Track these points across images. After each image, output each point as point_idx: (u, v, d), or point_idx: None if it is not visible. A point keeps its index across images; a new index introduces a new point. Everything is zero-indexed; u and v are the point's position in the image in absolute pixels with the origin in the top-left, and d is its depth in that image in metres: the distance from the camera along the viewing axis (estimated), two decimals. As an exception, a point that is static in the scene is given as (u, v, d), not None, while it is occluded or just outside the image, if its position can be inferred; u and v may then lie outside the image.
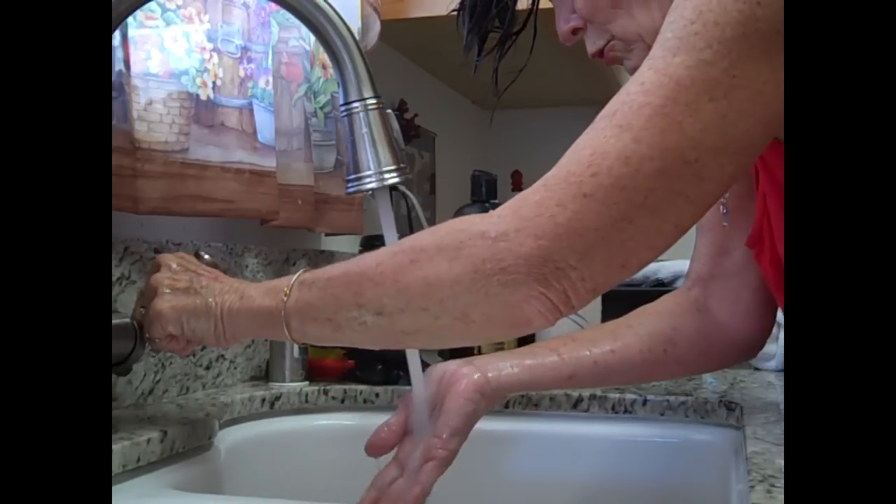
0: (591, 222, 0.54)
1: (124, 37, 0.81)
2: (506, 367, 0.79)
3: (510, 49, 0.82)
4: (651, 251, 0.56)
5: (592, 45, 0.74)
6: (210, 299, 0.68)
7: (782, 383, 1.08)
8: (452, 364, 0.79)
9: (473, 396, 0.76)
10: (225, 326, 0.67)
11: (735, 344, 0.86)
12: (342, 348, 1.09)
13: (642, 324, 0.85)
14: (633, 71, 0.74)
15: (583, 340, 0.84)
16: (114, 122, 0.81)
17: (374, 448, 0.77)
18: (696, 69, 0.53)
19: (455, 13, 0.82)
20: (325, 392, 1.03)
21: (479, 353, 1.06)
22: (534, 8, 0.82)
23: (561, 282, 0.55)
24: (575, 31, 0.74)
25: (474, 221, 0.57)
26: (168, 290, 0.70)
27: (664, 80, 0.54)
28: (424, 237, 0.59)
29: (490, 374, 0.78)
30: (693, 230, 0.89)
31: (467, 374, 0.77)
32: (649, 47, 0.70)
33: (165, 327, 0.69)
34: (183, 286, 0.70)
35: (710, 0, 0.54)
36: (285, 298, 0.63)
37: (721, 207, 0.80)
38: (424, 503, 0.73)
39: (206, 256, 0.82)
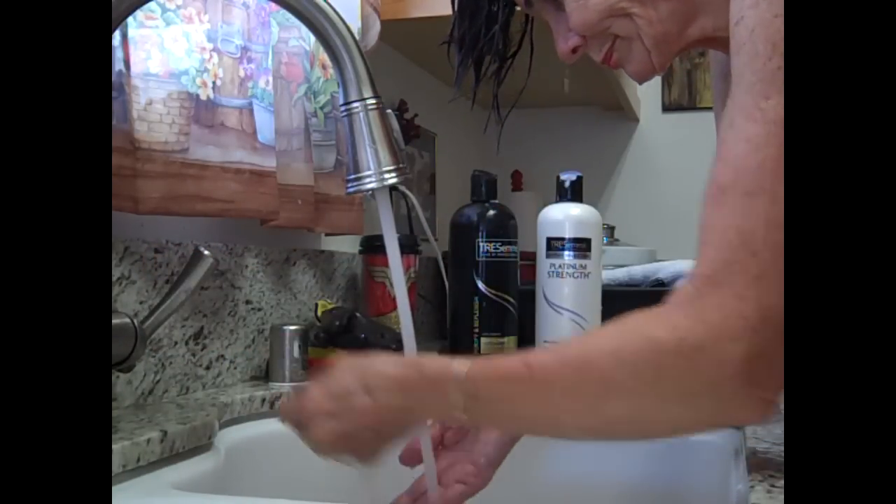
0: (773, 302, 0.51)
1: (124, 37, 0.81)
2: None
3: (508, 70, 0.81)
4: None
5: (597, 52, 0.73)
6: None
7: (782, 383, 1.07)
8: None
9: None
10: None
11: None
12: (342, 348, 1.09)
13: None
14: (634, 75, 0.74)
15: None
16: (114, 122, 0.81)
17: (409, 458, 0.76)
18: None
19: (445, 44, 0.81)
20: (325, 392, 1.03)
21: (479, 346, 1.07)
22: (528, 28, 0.81)
23: (769, 374, 0.52)
24: (575, 50, 0.74)
25: (661, 339, 0.54)
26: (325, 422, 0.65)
27: (769, 128, 0.51)
28: (607, 359, 0.56)
29: None
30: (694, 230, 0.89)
31: None
32: (647, 48, 0.70)
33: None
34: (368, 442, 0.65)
35: (779, 29, 0.51)
36: (459, 416, 0.60)
37: None
38: None
39: (206, 253, 0.83)
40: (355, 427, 0.64)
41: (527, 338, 1.11)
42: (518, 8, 0.77)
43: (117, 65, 0.81)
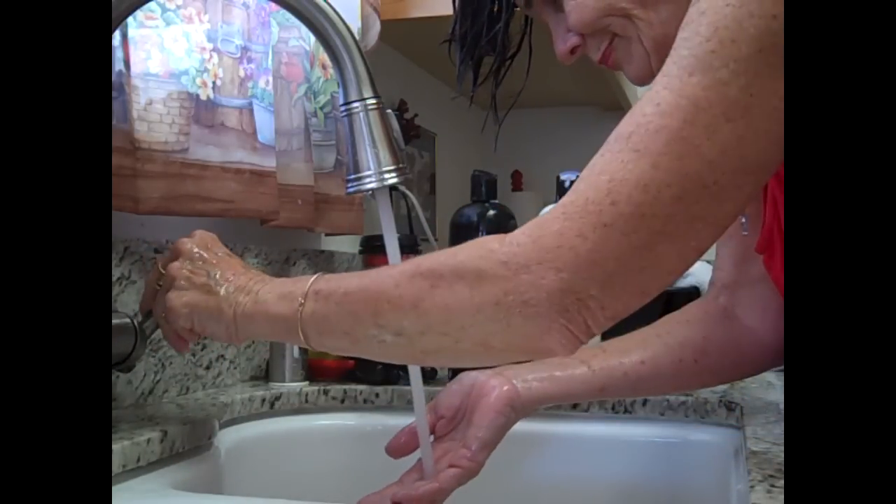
0: (611, 252, 0.53)
1: (124, 37, 0.81)
2: (536, 379, 0.79)
3: (507, 70, 0.81)
4: (671, 275, 0.56)
5: (595, 51, 0.73)
6: (224, 300, 0.68)
7: (782, 383, 1.08)
8: (482, 374, 0.78)
9: (504, 410, 0.76)
10: (238, 328, 0.67)
11: (767, 349, 0.85)
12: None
13: (671, 333, 0.84)
14: (634, 78, 0.74)
15: (613, 351, 0.83)
16: (114, 122, 0.81)
17: (396, 450, 0.77)
18: (712, 90, 0.52)
19: (446, 42, 0.81)
20: (325, 392, 1.03)
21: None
22: (527, 29, 0.81)
23: (581, 312, 0.54)
24: (573, 50, 0.74)
25: (493, 249, 0.56)
26: (185, 284, 0.70)
27: (681, 102, 0.53)
28: (444, 261, 0.58)
29: (521, 387, 0.78)
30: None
31: (497, 386, 0.77)
32: (647, 50, 0.70)
33: (177, 322, 0.69)
34: (200, 281, 0.69)
35: (726, 16, 0.53)
36: (300, 308, 0.63)
37: (741, 216, 0.80)
38: (440, 501, 0.73)
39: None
40: (214, 269, 0.70)
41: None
42: (518, 9, 0.77)
43: (117, 65, 0.81)
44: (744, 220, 0.80)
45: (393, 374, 1.06)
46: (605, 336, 0.97)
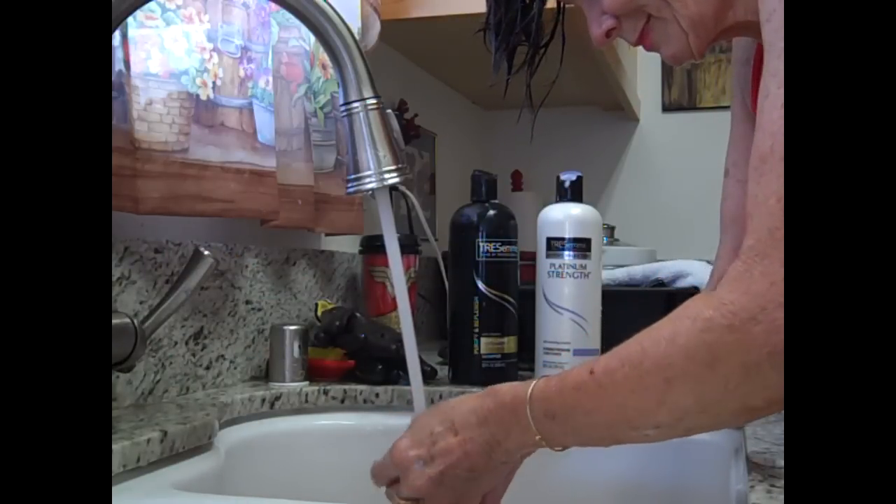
0: None
1: (124, 37, 0.81)
2: None
3: (539, 61, 0.81)
4: None
5: (632, 33, 0.73)
6: (489, 477, 0.67)
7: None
8: None
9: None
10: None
11: None
12: (342, 348, 1.09)
13: None
14: (671, 58, 0.73)
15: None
16: (114, 122, 0.81)
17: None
18: None
19: (481, 31, 0.81)
20: (325, 392, 1.03)
21: (479, 346, 1.07)
22: (560, 17, 0.81)
23: None
24: (609, 34, 0.73)
25: (710, 317, 0.54)
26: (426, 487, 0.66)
27: None
28: (664, 349, 0.56)
29: None
30: (695, 229, 0.89)
31: None
32: (683, 30, 0.70)
33: None
34: (453, 490, 0.67)
35: None
36: (548, 440, 0.63)
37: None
38: None
39: (206, 253, 0.83)
40: (447, 467, 0.65)
41: (527, 338, 1.11)
42: None
43: (117, 65, 0.81)
44: None
45: (393, 375, 1.06)
46: (608, 339, 0.97)
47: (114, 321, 0.75)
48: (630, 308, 0.89)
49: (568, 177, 1.12)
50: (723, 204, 0.88)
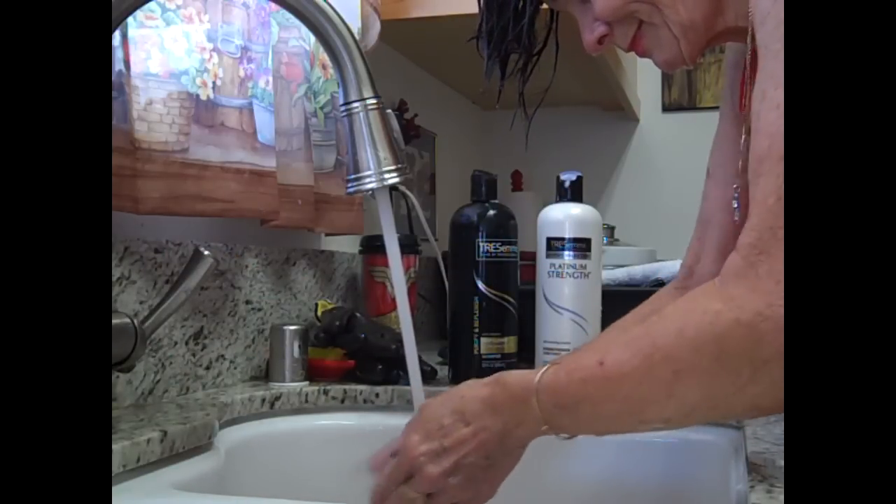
0: None
1: (124, 37, 0.81)
2: None
3: (532, 68, 0.81)
4: None
5: (624, 39, 0.73)
6: (494, 471, 0.66)
7: (782, 383, 1.07)
8: None
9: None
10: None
11: None
12: (342, 347, 1.09)
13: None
14: (663, 64, 0.73)
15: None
16: (114, 122, 0.81)
17: (377, 466, 0.75)
18: None
19: (474, 39, 0.80)
20: (325, 392, 1.03)
21: (479, 346, 1.07)
22: (553, 25, 0.81)
23: None
24: (601, 41, 0.73)
25: (719, 311, 0.54)
26: (442, 483, 0.66)
27: None
28: (672, 340, 0.56)
29: None
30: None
31: None
32: (675, 36, 0.70)
33: None
34: (469, 478, 0.66)
35: None
36: (556, 428, 0.63)
37: (734, 202, 0.80)
38: None
39: (206, 253, 0.83)
40: (461, 457, 0.65)
41: (527, 338, 1.11)
42: (543, 5, 0.77)
43: (117, 65, 0.81)
44: (737, 206, 0.79)
45: (393, 375, 1.06)
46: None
47: (114, 321, 0.75)
48: (630, 308, 0.89)
49: (568, 177, 1.12)
50: (702, 204, 0.88)
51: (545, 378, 0.62)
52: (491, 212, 1.10)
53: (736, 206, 0.80)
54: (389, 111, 0.73)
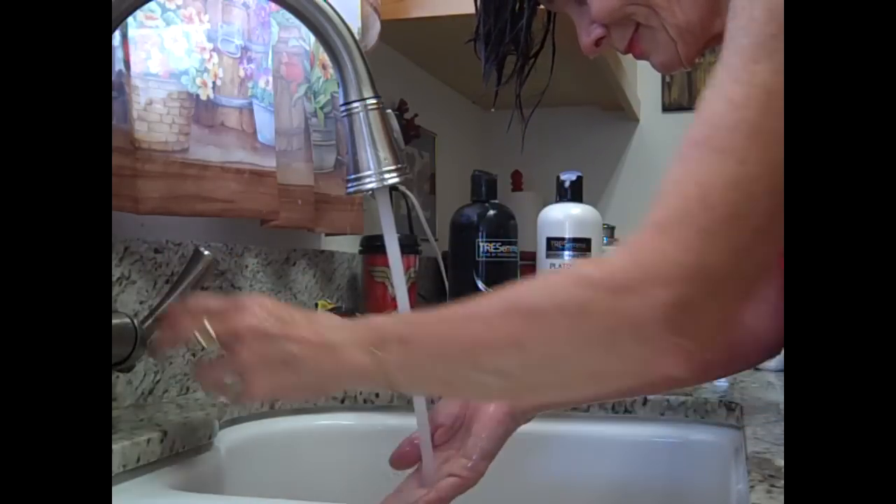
0: (715, 258, 0.51)
1: (124, 37, 0.81)
2: None
3: (530, 71, 0.81)
4: (770, 275, 0.54)
5: (621, 42, 0.73)
6: (306, 372, 0.61)
7: (782, 383, 1.08)
8: None
9: (504, 419, 0.75)
10: (326, 390, 0.64)
11: (759, 344, 0.84)
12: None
13: None
14: (661, 66, 0.73)
15: None
16: (114, 122, 0.81)
17: (398, 462, 0.75)
18: (781, 73, 0.50)
19: (472, 41, 0.81)
20: (325, 392, 1.03)
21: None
22: (550, 27, 0.81)
23: (694, 327, 0.52)
24: (598, 43, 0.73)
25: (592, 276, 0.54)
26: (260, 368, 0.61)
27: (753, 91, 0.51)
28: (539, 294, 0.55)
29: None
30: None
31: None
32: (672, 38, 0.70)
33: (254, 400, 0.64)
34: (278, 358, 0.61)
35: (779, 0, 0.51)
36: (388, 359, 0.58)
37: None
38: None
39: (206, 253, 0.82)
40: (289, 349, 0.61)
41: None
42: (541, 7, 0.77)
43: (117, 65, 0.81)
44: None
45: (393, 374, 1.06)
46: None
47: (114, 321, 0.75)
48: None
49: (568, 177, 1.12)
50: None
51: (403, 314, 0.61)
52: (491, 212, 1.10)
53: None
54: (389, 111, 0.73)
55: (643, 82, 2.10)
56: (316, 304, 1.15)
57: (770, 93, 0.51)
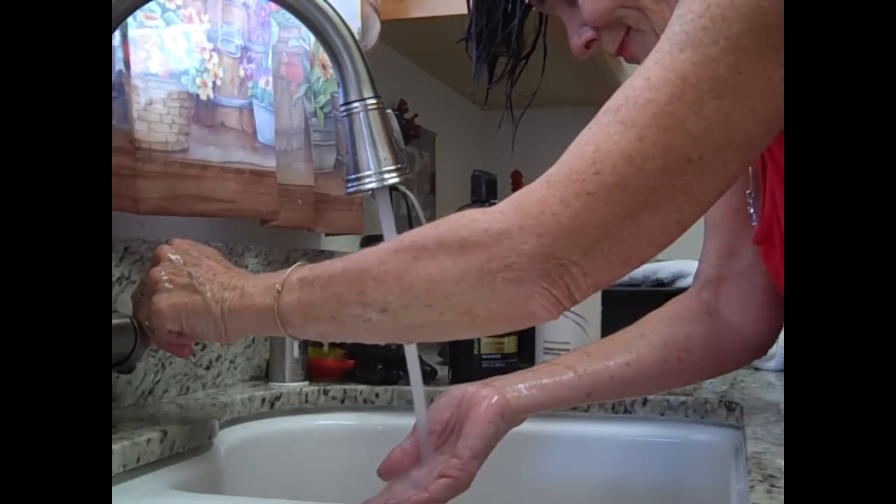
0: (593, 220, 0.54)
1: (124, 37, 0.81)
2: (524, 388, 0.78)
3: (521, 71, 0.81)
4: (653, 247, 0.57)
5: (611, 44, 0.73)
6: (210, 297, 0.68)
7: (782, 383, 1.08)
8: (472, 386, 0.78)
9: (494, 419, 0.75)
10: (226, 325, 0.67)
11: (745, 345, 0.85)
12: (342, 348, 1.09)
13: (655, 332, 0.83)
14: None
15: (598, 354, 0.82)
16: (114, 122, 0.81)
17: (388, 472, 0.75)
18: (702, 66, 0.53)
19: (464, 40, 0.81)
20: (325, 392, 1.03)
21: (479, 346, 1.07)
22: (542, 29, 0.81)
23: (564, 278, 0.55)
24: (588, 45, 0.74)
25: (476, 217, 0.57)
26: (168, 286, 0.69)
27: (670, 77, 0.54)
28: (426, 233, 0.59)
29: (510, 396, 0.77)
30: (697, 228, 0.89)
31: (487, 397, 0.76)
32: None
33: (164, 325, 0.69)
34: (183, 282, 0.69)
35: None
36: (285, 297, 0.63)
37: (749, 207, 0.79)
38: None
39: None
40: (196, 270, 0.70)
41: (527, 338, 1.11)
42: (532, 8, 0.77)
43: (117, 65, 0.81)
44: (752, 210, 0.79)
45: (393, 374, 1.06)
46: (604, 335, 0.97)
47: (114, 321, 0.75)
48: (630, 308, 0.89)
49: (568, 177, 1.12)
50: (709, 210, 0.88)
51: (300, 298, 0.64)
52: (491, 212, 1.10)
53: (752, 210, 0.79)
54: (389, 111, 0.73)
55: (643, 82, 2.10)
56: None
57: (685, 82, 0.53)
